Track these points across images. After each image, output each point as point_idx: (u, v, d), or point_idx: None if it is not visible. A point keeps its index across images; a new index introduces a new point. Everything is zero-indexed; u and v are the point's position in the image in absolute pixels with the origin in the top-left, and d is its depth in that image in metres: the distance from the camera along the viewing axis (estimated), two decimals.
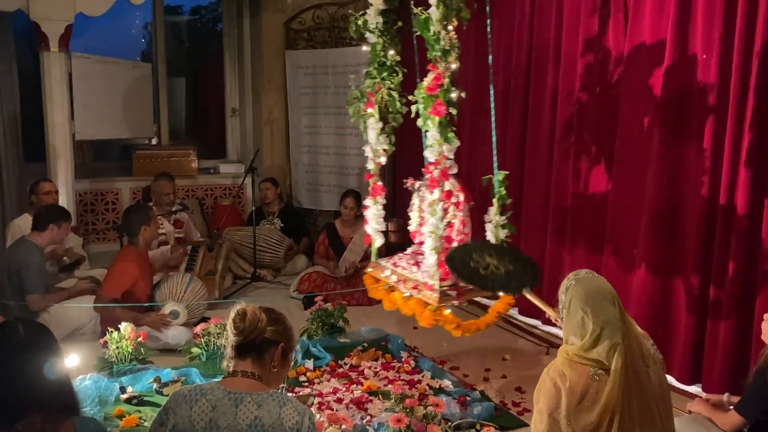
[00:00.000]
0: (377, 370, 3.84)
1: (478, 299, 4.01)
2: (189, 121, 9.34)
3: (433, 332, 4.55)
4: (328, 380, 3.71)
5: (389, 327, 4.53)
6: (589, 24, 4.11)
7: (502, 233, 3.38)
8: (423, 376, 3.76)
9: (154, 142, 7.93)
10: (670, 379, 3.52)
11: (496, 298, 3.48)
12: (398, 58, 3.61)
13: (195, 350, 3.94)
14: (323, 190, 6.89)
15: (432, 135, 3.11)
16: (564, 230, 4.39)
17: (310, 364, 3.86)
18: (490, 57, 3.53)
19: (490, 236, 3.39)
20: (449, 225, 3.31)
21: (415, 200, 3.54)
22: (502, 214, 3.37)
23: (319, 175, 6.91)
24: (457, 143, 3.13)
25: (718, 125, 3.37)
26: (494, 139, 3.49)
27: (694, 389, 3.55)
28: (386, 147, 3.69)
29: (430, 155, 3.14)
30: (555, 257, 4.47)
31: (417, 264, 3.46)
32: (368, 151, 3.71)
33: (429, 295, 3.22)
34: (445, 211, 3.21)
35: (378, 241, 3.77)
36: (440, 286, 3.18)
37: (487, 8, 3.41)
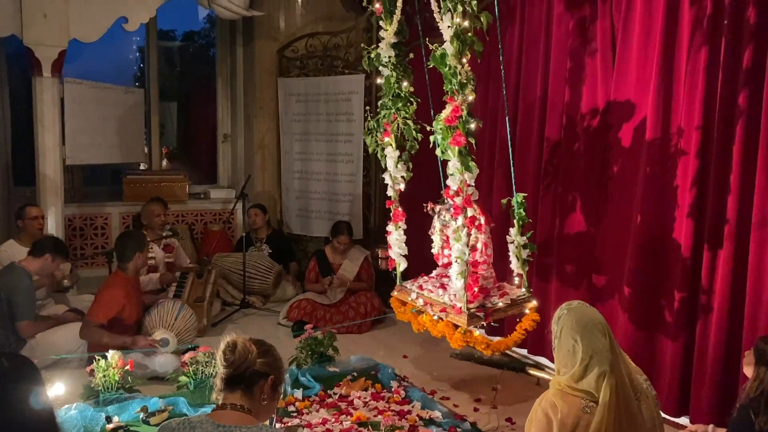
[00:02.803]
0: (367, 400, 3.81)
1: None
2: (180, 145, 9.35)
3: (422, 361, 4.57)
4: (317, 410, 3.68)
5: (379, 356, 4.51)
6: (581, 38, 4.17)
7: (524, 253, 3.52)
8: (413, 407, 3.73)
9: (143, 167, 7.94)
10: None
11: (521, 316, 3.60)
12: (412, 89, 3.75)
13: (183, 379, 3.90)
14: (314, 216, 6.90)
15: (453, 164, 3.23)
16: (549, 269, 4.41)
17: (299, 393, 3.83)
18: (504, 89, 3.66)
19: (512, 256, 3.55)
20: (473, 249, 3.46)
21: (436, 223, 3.72)
22: (522, 234, 3.50)
23: (310, 202, 6.92)
24: (477, 171, 3.24)
25: (702, 165, 3.43)
26: (512, 162, 3.65)
27: (683, 420, 3.55)
28: (404, 174, 3.85)
29: (452, 184, 3.25)
30: (541, 293, 4.47)
31: (443, 287, 3.61)
32: (387, 179, 3.87)
33: (458, 318, 3.36)
34: (470, 237, 3.34)
35: (402, 265, 3.93)
36: (468, 309, 3.30)
37: (498, 36, 3.51)
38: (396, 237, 3.91)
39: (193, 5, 6.41)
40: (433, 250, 3.82)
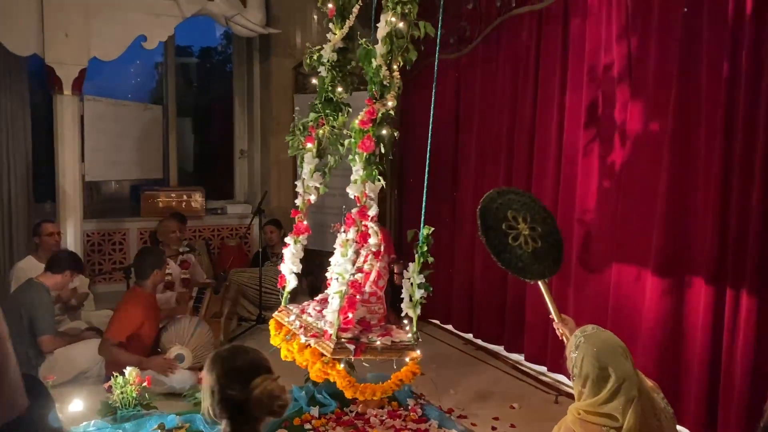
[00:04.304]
0: (383, 418, 3.79)
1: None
2: (197, 161, 9.42)
3: (439, 379, 4.53)
4: (334, 428, 3.67)
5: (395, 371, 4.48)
6: (596, 57, 4.16)
7: (419, 293, 3.00)
8: (430, 425, 3.71)
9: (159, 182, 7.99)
10: (684, 429, 3.47)
11: (404, 363, 3.16)
12: (345, 96, 3.51)
13: (199, 395, 3.90)
14: (328, 231, 6.89)
15: (357, 171, 2.98)
16: (569, 271, 4.37)
17: (315, 411, 3.82)
18: (432, 114, 3.16)
19: (404, 294, 3.04)
20: (363, 272, 3.07)
21: (336, 245, 3.24)
22: (420, 272, 2.99)
23: (325, 216, 6.92)
24: (380, 183, 2.96)
25: (726, 163, 3.36)
26: (425, 188, 3.08)
27: None
28: (318, 185, 3.56)
29: (351, 191, 2.99)
30: (560, 295, 4.44)
31: (323, 312, 3.18)
32: (299, 187, 3.59)
33: (325, 345, 2.92)
34: (358, 254, 2.99)
35: (291, 284, 3.55)
36: (338, 337, 2.89)
37: (437, 46, 3.18)
38: (292, 251, 3.53)
39: (210, 21, 6.49)
40: (327, 273, 3.25)
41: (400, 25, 2.92)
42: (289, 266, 3.53)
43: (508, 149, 5.03)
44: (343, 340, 2.90)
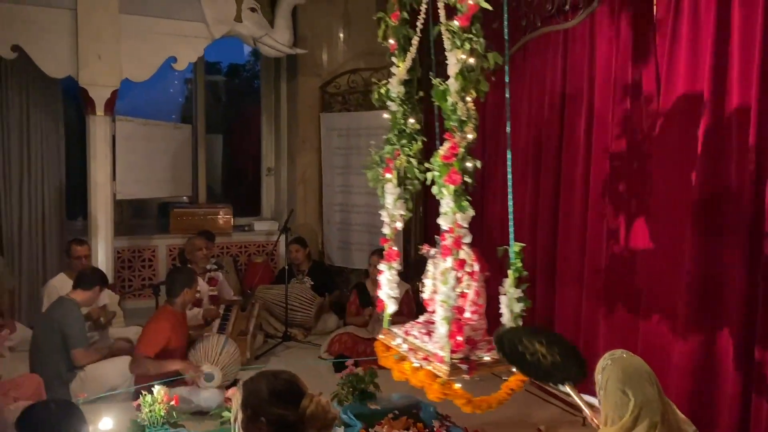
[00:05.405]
0: None
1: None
2: (225, 178, 9.56)
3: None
4: None
5: (421, 393, 4.46)
6: (623, 78, 4.13)
7: (517, 307, 3.21)
8: None
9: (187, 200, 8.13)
10: None
11: (512, 373, 3.31)
12: (418, 127, 3.67)
13: (226, 414, 3.94)
14: (354, 248, 6.95)
15: (446, 203, 3.09)
16: (599, 293, 4.32)
17: (340, 431, 3.82)
18: (509, 126, 3.50)
19: (504, 309, 3.26)
20: (462, 295, 3.21)
21: (429, 267, 3.50)
22: (517, 286, 3.21)
23: (351, 234, 6.98)
24: (471, 212, 3.09)
25: (759, 183, 3.30)
26: (510, 209, 3.36)
27: None
28: (403, 212, 3.70)
29: (444, 223, 3.11)
30: (590, 321, 4.40)
31: (429, 333, 3.37)
32: (384, 216, 3.73)
33: (439, 367, 3.10)
34: (459, 280, 3.13)
35: (391, 308, 3.73)
36: (451, 359, 3.07)
37: (506, 79, 3.37)
38: (388, 277, 3.71)
39: (238, 39, 6.61)
40: (423, 295, 3.55)
41: (471, 60, 3.02)
42: (387, 291, 3.73)
43: (535, 173, 5.00)
44: (455, 361, 3.08)
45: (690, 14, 3.65)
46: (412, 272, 6.31)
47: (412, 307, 5.73)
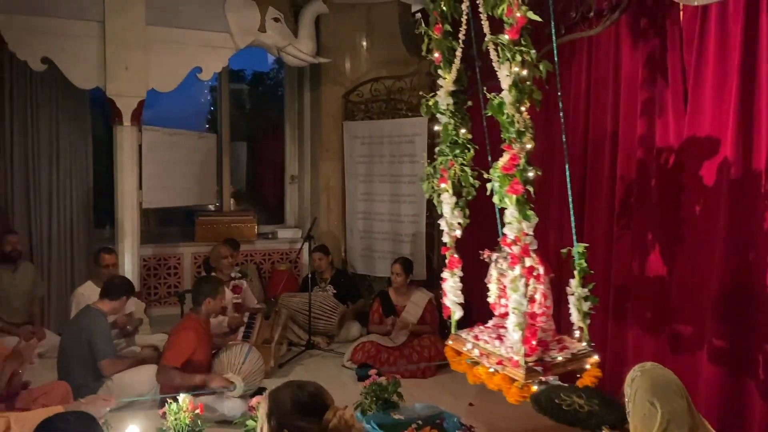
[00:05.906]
0: None
1: None
2: (249, 186, 9.62)
3: (489, 409, 4.48)
4: None
5: (444, 403, 4.45)
6: (648, 107, 4.09)
7: (585, 305, 3.36)
8: None
9: (213, 207, 8.20)
10: None
11: (582, 371, 3.39)
12: (470, 136, 3.73)
13: (250, 423, 3.95)
14: (377, 256, 6.95)
15: (510, 213, 3.15)
16: (625, 312, 4.27)
17: None
18: (564, 136, 3.56)
19: (572, 308, 3.39)
20: (531, 300, 3.30)
21: (492, 272, 3.60)
22: (583, 285, 3.35)
23: (374, 242, 6.98)
24: (535, 220, 3.15)
25: None
26: (572, 212, 3.53)
27: None
28: (461, 220, 3.77)
29: (509, 232, 3.17)
30: (617, 340, 4.34)
31: (499, 338, 3.47)
32: (443, 225, 3.80)
33: (515, 371, 3.20)
34: (527, 287, 3.21)
35: (457, 313, 3.81)
36: (526, 362, 3.16)
37: (557, 84, 3.45)
38: (451, 284, 3.80)
39: (262, 48, 6.67)
40: (489, 299, 3.70)
41: (523, 72, 3.06)
42: (452, 298, 3.80)
43: (560, 188, 4.95)
44: (530, 364, 3.16)
45: (717, 23, 3.60)
46: (435, 281, 6.30)
47: (435, 316, 5.71)
